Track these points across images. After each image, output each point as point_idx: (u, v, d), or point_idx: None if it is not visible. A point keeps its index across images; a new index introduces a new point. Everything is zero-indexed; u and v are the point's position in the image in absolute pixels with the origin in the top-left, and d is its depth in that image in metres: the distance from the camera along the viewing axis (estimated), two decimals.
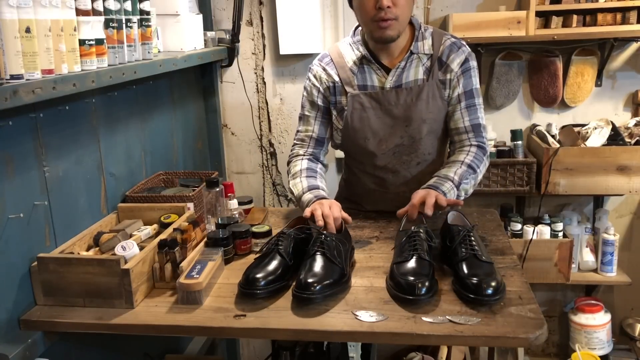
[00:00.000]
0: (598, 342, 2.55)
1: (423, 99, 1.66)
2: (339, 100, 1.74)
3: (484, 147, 1.71)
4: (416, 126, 1.68)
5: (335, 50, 1.76)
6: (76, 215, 1.55)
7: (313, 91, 1.77)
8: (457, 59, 1.67)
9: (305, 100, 1.80)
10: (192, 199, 1.74)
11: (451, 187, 1.58)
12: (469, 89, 1.69)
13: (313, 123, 1.78)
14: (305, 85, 1.79)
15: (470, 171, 1.64)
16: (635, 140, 2.34)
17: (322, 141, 1.80)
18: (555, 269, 2.44)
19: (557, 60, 2.47)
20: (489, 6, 2.48)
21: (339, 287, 1.33)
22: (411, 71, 1.68)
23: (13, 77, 1.15)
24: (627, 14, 2.26)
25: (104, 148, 1.69)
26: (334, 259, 1.35)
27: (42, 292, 1.36)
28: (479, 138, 1.71)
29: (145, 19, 1.67)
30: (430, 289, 1.27)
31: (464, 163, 1.65)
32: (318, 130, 1.78)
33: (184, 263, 1.41)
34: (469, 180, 1.63)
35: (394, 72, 1.68)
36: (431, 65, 1.67)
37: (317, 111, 1.77)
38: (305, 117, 1.80)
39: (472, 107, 1.70)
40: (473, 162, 1.66)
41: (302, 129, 1.81)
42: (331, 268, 1.33)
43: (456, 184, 1.59)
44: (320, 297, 1.28)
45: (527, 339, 1.15)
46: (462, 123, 1.71)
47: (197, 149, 2.51)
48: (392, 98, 1.67)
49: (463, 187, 1.62)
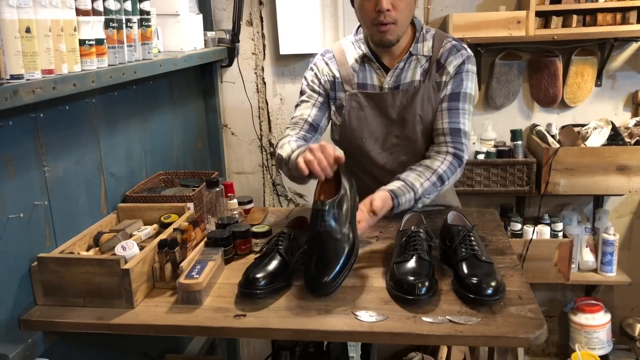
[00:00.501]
0: (598, 342, 2.55)
1: (418, 100, 1.66)
2: (338, 96, 1.73)
3: (460, 155, 1.64)
4: (411, 127, 1.68)
5: (338, 47, 1.76)
6: (76, 215, 1.55)
7: (315, 80, 1.75)
8: (455, 62, 1.66)
9: (305, 87, 1.77)
10: (192, 199, 1.74)
11: (410, 199, 1.53)
12: (456, 91, 1.66)
13: (310, 107, 1.74)
14: (307, 75, 1.78)
15: (438, 183, 1.58)
16: (635, 140, 2.34)
17: (316, 127, 1.74)
18: (555, 269, 2.44)
19: (557, 60, 2.47)
20: (489, 6, 2.48)
21: (350, 263, 1.33)
22: (409, 72, 1.68)
23: (13, 77, 1.16)
24: (627, 14, 2.26)
25: (104, 148, 1.69)
26: (336, 235, 1.32)
27: (42, 292, 1.36)
28: (457, 144, 1.64)
29: (145, 19, 1.67)
30: (430, 289, 1.27)
31: (435, 173, 1.59)
32: (314, 115, 1.73)
33: (184, 263, 1.41)
34: (431, 193, 1.58)
35: (392, 72, 1.68)
36: (429, 67, 1.67)
37: (316, 97, 1.74)
38: (303, 102, 1.76)
39: (455, 110, 1.65)
40: (445, 173, 1.60)
41: (297, 113, 1.75)
42: (336, 248, 1.31)
43: (417, 197, 1.54)
44: (335, 286, 1.29)
45: (527, 339, 1.15)
46: (440, 124, 1.66)
47: (197, 149, 2.51)
48: (389, 99, 1.67)
49: (423, 200, 1.57)
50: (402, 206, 1.52)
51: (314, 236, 1.34)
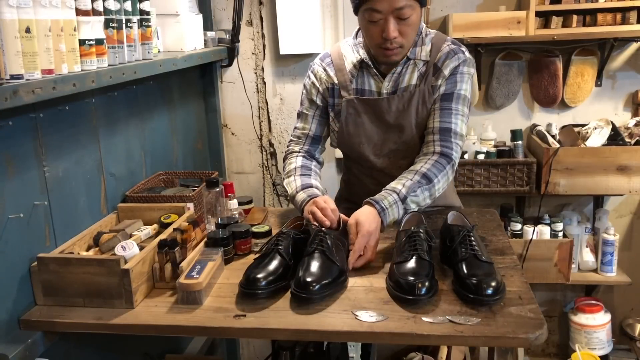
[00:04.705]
0: (598, 342, 2.55)
1: (413, 105, 1.65)
2: (337, 102, 1.74)
3: (449, 155, 1.60)
4: (409, 132, 1.67)
5: (337, 51, 1.76)
6: (76, 215, 1.55)
7: (312, 90, 1.77)
8: (451, 65, 1.64)
9: (304, 98, 1.80)
10: (192, 199, 1.74)
11: (394, 201, 1.51)
12: (450, 91, 1.64)
13: (310, 121, 1.78)
14: (305, 84, 1.79)
15: (423, 182, 1.55)
16: (635, 140, 2.34)
17: (318, 139, 1.80)
18: (555, 269, 2.44)
19: (557, 60, 2.47)
20: (489, 6, 2.48)
21: (338, 286, 1.33)
22: (406, 76, 1.67)
23: (13, 77, 1.15)
24: (627, 14, 2.26)
25: (104, 148, 1.69)
26: (333, 258, 1.35)
27: (42, 292, 1.36)
28: (445, 143, 1.61)
29: (145, 19, 1.67)
30: (430, 289, 1.27)
31: (418, 172, 1.56)
32: (315, 128, 1.78)
33: (184, 263, 1.41)
34: (419, 192, 1.54)
35: (389, 77, 1.67)
36: (426, 71, 1.66)
37: (315, 110, 1.77)
38: (303, 114, 1.80)
39: (447, 110, 1.64)
40: (430, 171, 1.56)
41: (299, 126, 1.81)
42: (330, 267, 1.33)
43: (402, 197, 1.52)
44: (319, 297, 1.28)
45: (527, 339, 1.15)
46: (431, 123, 1.65)
47: (197, 149, 2.50)
48: (385, 105, 1.67)
49: (412, 199, 1.53)
50: (387, 210, 1.49)
51: (309, 253, 1.37)
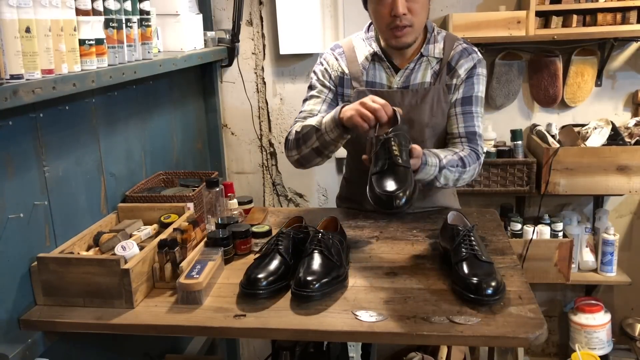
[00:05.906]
0: (598, 342, 2.55)
1: (427, 102, 1.66)
2: (346, 92, 1.73)
3: (478, 154, 1.66)
4: (419, 129, 1.67)
5: (348, 43, 1.76)
6: (76, 215, 1.55)
7: (325, 74, 1.74)
8: (466, 65, 1.66)
9: (315, 82, 1.75)
10: (192, 199, 1.74)
11: (435, 164, 1.52)
12: (468, 95, 1.67)
13: (321, 103, 1.72)
14: (316, 70, 1.76)
15: (460, 163, 1.58)
16: (635, 140, 2.34)
17: None
18: (555, 269, 2.44)
19: (557, 60, 2.47)
20: (489, 6, 2.48)
21: (337, 284, 1.34)
22: (419, 73, 1.67)
23: (13, 77, 1.15)
24: (627, 14, 2.26)
25: (104, 148, 1.69)
26: (332, 257, 1.35)
27: (42, 292, 1.36)
28: (473, 145, 1.66)
29: (145, 19, 1.67)
30: (410, 199, 1.28)
31: (457, 154, 1.60)
32: (324, 111, 1.69)
33: (184, 263, 1.41)
34: (454, 170, 1.57)
35: (402, 72, 1.67)
36: (440, 70, 1.67)
37: (327, 93, 1.73)
38: (313, 97, 1.74)
39: (469, 114, 1.67)
40: (466, 158, 1.60)
41: (307, 108, 1.73)
42: (329, 266, 1.33)
43: (442, 165, 1.53)
44: (319, 294, 1.28)
45: (527, 339, 1.15)
46: (456, 129, 1.68)
47: (197, 149, 2.51)
48: (397, 98, 1.67)
49: (445, 173, 1.55)
50: (427, 166, 1.50)
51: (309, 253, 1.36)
